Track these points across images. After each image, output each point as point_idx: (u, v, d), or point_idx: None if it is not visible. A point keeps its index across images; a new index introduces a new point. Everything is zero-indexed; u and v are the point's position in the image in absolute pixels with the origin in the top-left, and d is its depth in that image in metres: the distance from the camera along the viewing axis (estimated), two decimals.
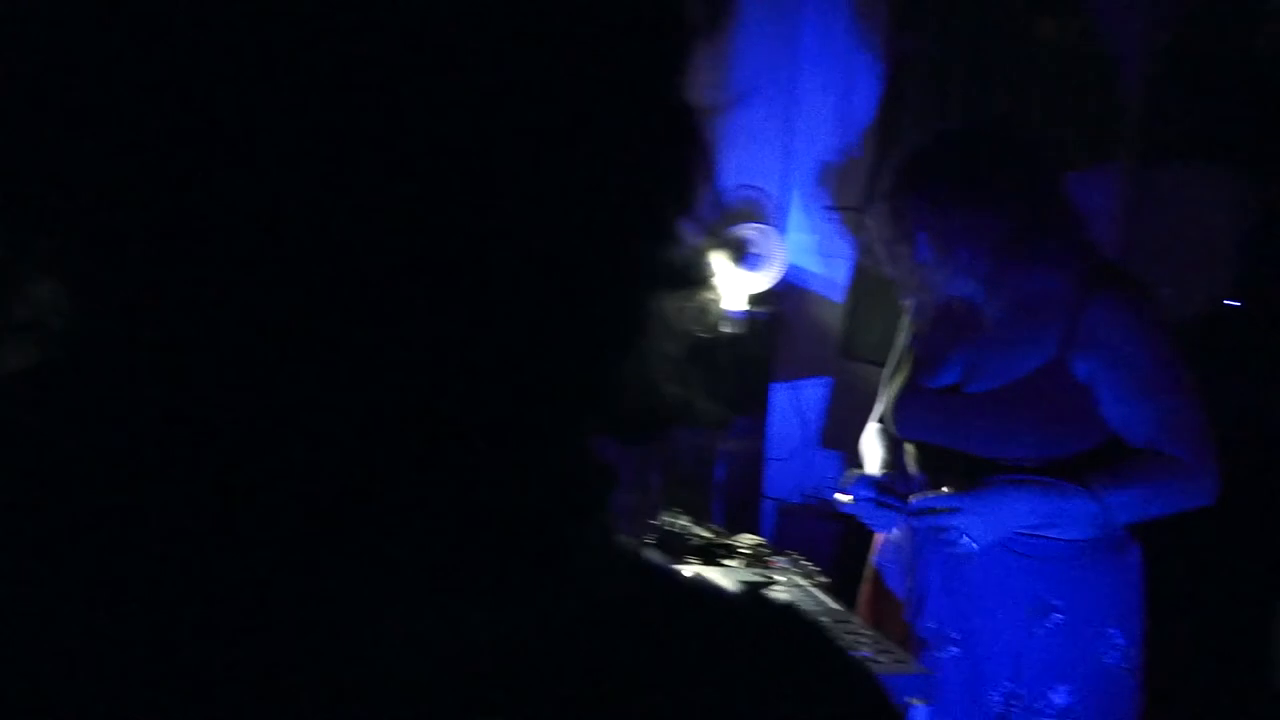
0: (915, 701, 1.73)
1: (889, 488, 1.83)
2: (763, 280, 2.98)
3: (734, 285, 2.96)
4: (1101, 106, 2.91)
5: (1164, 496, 1.69)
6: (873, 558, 2.01)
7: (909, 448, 1.91)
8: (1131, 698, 1.80)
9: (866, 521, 1.87)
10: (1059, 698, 1.75)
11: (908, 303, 1.93)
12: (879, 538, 2.00)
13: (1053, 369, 1.71)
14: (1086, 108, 2.91)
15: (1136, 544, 1.80)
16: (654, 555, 0.45)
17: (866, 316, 3.11)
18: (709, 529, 2.19)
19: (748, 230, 2.96)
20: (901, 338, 1.98)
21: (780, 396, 3.37)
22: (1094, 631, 1.75)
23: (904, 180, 1.75)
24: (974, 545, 1.71)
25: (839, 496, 1.85)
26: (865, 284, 3.12)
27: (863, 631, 1.77)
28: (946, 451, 1.81)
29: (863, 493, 1.83)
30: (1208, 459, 1.68)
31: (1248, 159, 2.62)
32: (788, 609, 0.46)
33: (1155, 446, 1.68)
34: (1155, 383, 1.68)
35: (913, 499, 1.74)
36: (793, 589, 1.91)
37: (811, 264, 3.36)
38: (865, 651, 1.69)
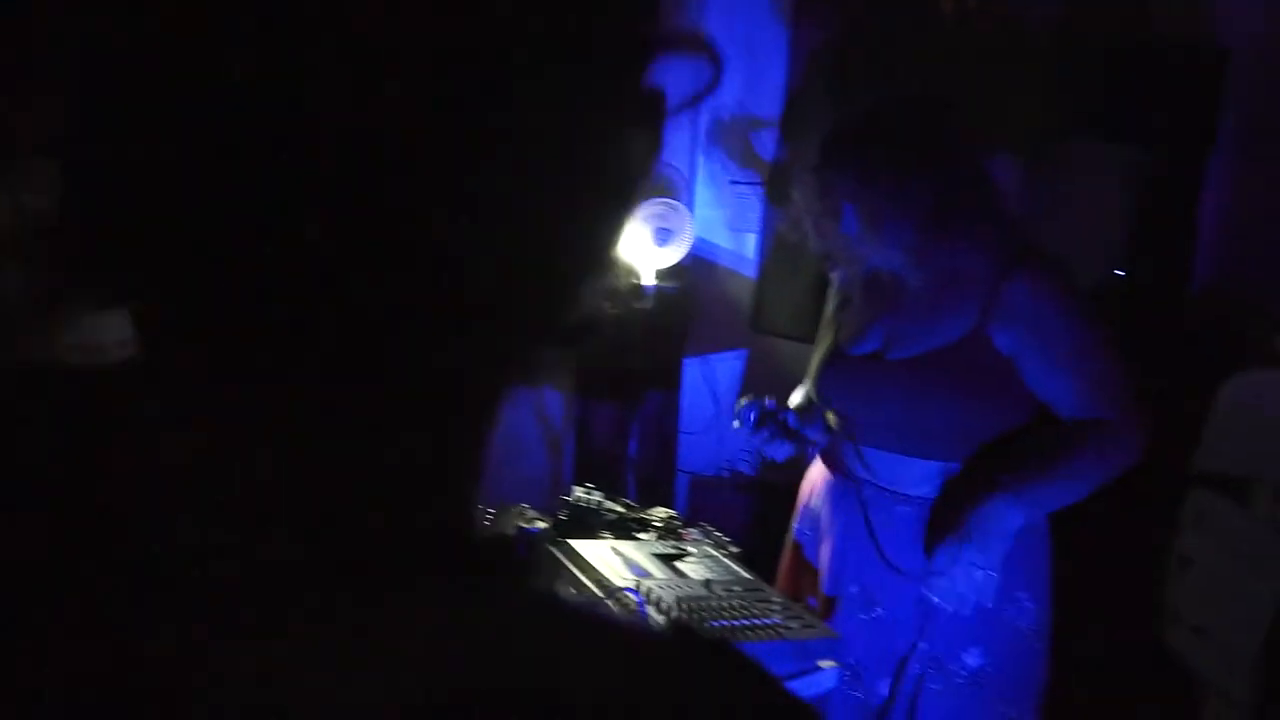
0: (825, 664, 1.77)
1: (773, 413, 1.88)
2: (671, 255, 3.00)
3: (644, 261, 2.97)
4: (1000, 86, 2.99)
5: (1106, 462, 1.75)
6: (792, 529, 2.06)
7: (830, 415, 1.95)
8: (1040, 659, 1.87)
9: (761, 449, 1.92)
10: (971, 659, 1.81)
11: (834, 274, 1.97)
12: (799, 508, 2.05)
13: (972, 340, 1.75)
14: (986, 87, 2.98)
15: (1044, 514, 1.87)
16: (570, 599, 0.45)
17: (775, 290, 3.14)
18: (622, 503, 2.20)
19: (656, 206, 2.97)
20: (829, 308, 2.02)
21: (692, 371, 3.40)
22: (1005, 596, 1.81)
23: (833, 153, 1.77)
24: (987, 604, 1.77)
25: (735, 424, 1.91)
26: (773, 258, 3.16)
27: (773, 599, 1.81)
28: (868, 418, 1.86)
29: (750, 416, 1.88)
30: (1137, 416, 1.75)
31: (1133, 135, 2.71)
32: (719, 645, 0.46)
33: (1086, 412, 1.74)
34: (1079, 351, 1.73)
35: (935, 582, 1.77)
36: (705, 559, 1.94)
37: (720, 239, 3.39)
38: (775, 618, 1.72)
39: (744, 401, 1.92)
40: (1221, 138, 2.73)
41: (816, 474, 2.02)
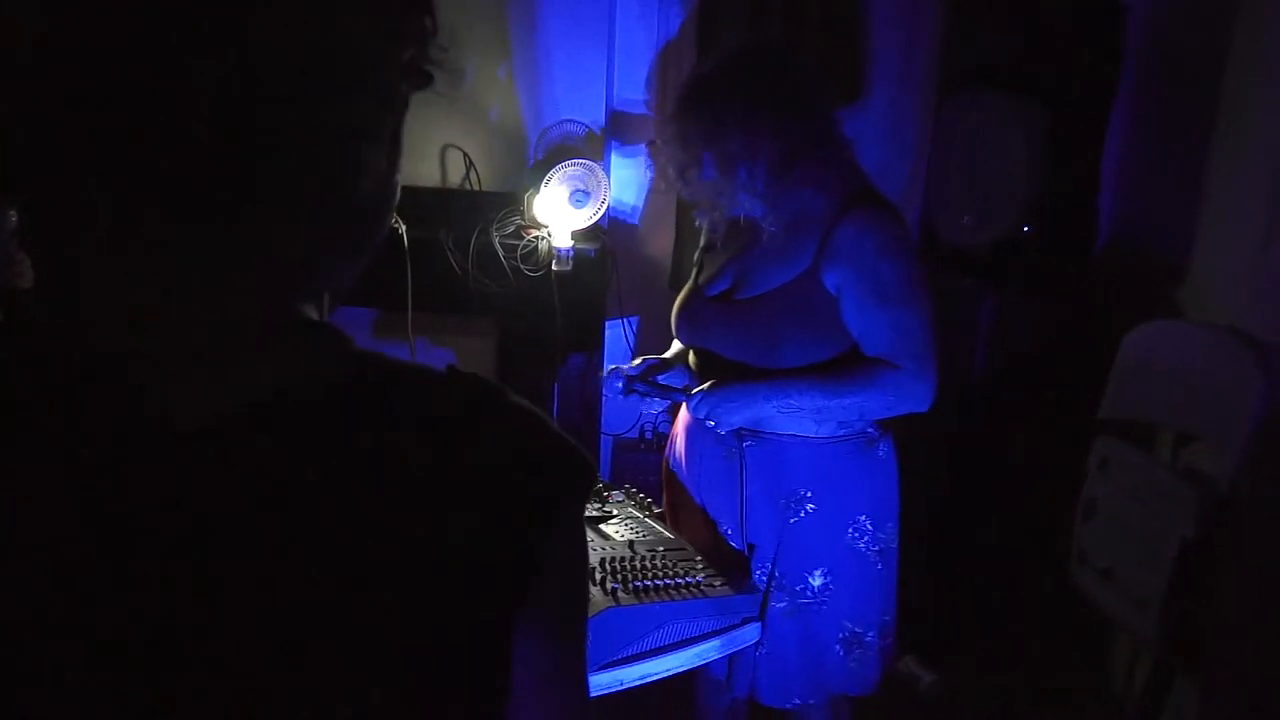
0: (749, 620, 1.80)
1: (636, 377, 1.99)
2: (589, 216, 2.98)
3: (561, 222, 2.94)
4: (905, 39, 3.01)
5: (882, 399, 1.84)
6: (666, 460, 2.15)
7: (690, 352, 2.04)
8: (882, 578, 1.99)
9: (641, 410, 2.03)
10: (814, 579, 1.92)
11: (702, 222, 2.01)
12: (670, 440, 2.14)
13: (806, 279, 1.83)
14: (891, 41, 3.01)
15: (888, 439, 1.97)
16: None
17: (693, 249, 3.14)
18: None
19: (572, 166, 2.94)
20: (696, 255, 2.10)
21: (614, 333, 3.39)
22: (845, 519, 1.92)
23: (689, 103, 1.83)
24: (720, 429, 1.90)
25: (605, 395, 2.01)
26: (689, 217, 3.16)
27: (696, 558, 1.82)
28: (716, 355, 1.94)
29: (615, 385, 1.98)
30: (926, 371, 1.83)
31: (1040, 92, 2.75)
32: (473, 377, 0.65)
33: (884, 355, 1.83)
34: (889, 296, 1.81)
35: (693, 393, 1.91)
36: (628, 521, 1.94)
37: (638, 199, 3.37)
38: (699, 576, 1.74)
39: (607, 372, 2.00)
40: (1122, 92, 2.80)
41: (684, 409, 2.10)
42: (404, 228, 2.86)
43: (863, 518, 1.93)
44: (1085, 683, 2.82)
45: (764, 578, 1.93)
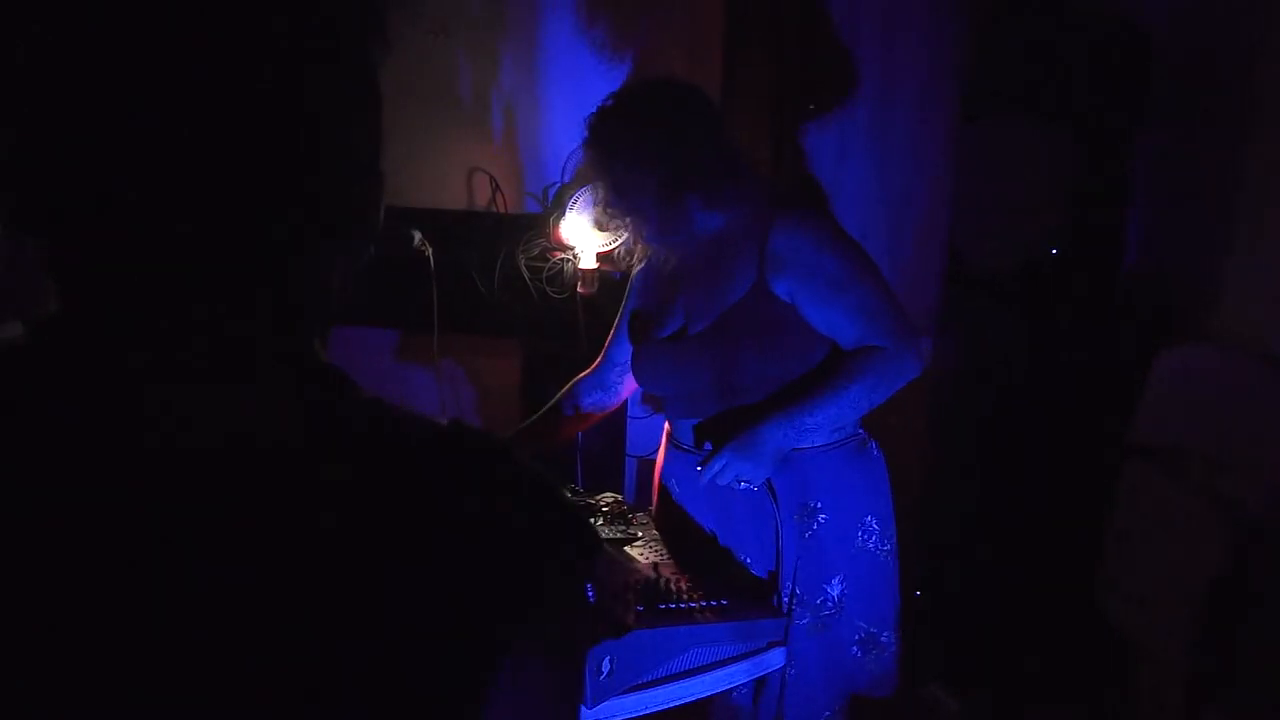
0: (774, 644, 1.78)
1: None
2: (612, 239, 2.99)
3: (586, 245, 2.95)
4: (929, 63, 3.01)
5: (883, 383, 1.84)
6: (657, 475, 2.13)
7: (655, 399, 2.02)
8: (891, 575, 1.99)
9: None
10: (833, 588, 1.91)
11: (621, 253, 2.04)
12: (660, 457, 2.12)
13: (756, 293, 1.84)
14: (915, 65, 3.00)
15: (874, 439, 1.98)
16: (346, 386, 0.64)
17: None
18: (568, 489, 2.19)
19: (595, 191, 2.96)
20: (625, 300, 2.12)
21: None
22: (855, 523, 1.92)
23: (585, 141, 1.87)
24: (753, 486, 1.85)
25: None
26: None
27: (721, 581, 1.81)
28: (683, 393, 1.94)
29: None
30: (906, 340, 1.85)
31: (1066, 114, 2.75)
32: (457, 425, 0.64)
33: (862, 342, 1.84)
34: (842, 286, 1.82)
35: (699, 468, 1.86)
36: (653, 543, 1.94)
37: None
38: (724, 599, 1.73)
39: None
40: (1149, 112, 2.78)
41: (664, 436, 2.10)
42: (430, 250, 2.88)
43: (869, 518, 1.94)
44: (1112, 711, 2.78)
45: (785, 598, 1.92)
